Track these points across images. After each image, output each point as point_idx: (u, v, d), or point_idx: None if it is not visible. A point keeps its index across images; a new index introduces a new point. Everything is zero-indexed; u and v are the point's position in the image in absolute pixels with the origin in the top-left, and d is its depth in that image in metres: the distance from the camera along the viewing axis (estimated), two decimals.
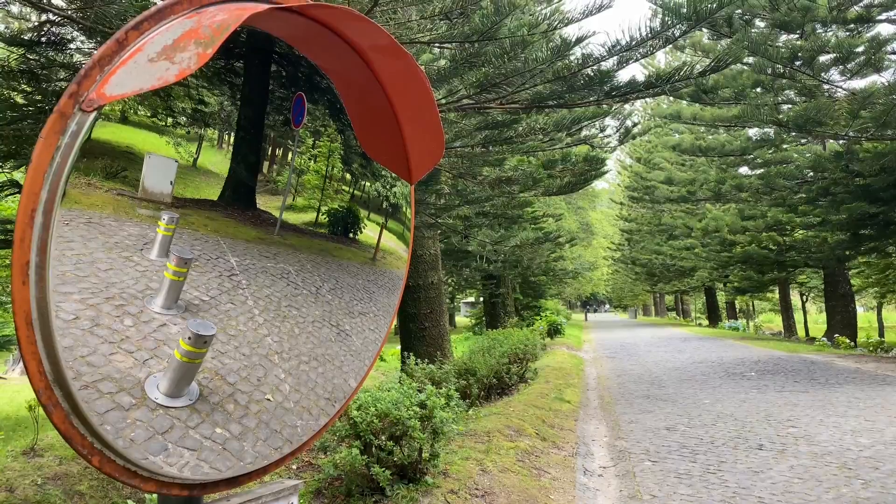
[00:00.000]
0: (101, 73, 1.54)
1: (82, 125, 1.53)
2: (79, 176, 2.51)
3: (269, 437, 3.10)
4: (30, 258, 1.54)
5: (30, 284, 1.56)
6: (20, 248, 1.53)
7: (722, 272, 31.62)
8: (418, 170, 2.81)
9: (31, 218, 1.52)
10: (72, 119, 1.51)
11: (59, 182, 1.54)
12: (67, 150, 1.52)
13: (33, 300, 1.59)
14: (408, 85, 2.41)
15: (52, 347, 1.67)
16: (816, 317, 48.57)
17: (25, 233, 1.52)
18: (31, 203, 1.51)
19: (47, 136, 1.48)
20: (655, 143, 33.24)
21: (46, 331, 1.64)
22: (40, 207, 1.52)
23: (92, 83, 1.53)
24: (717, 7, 6.07)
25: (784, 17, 14.21)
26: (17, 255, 1.53)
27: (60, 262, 2.47)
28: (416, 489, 4.77)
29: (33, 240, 1.53)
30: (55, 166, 1.52)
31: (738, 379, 12.21)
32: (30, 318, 1.60)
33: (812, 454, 6.24)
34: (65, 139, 1.50)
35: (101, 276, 2.69)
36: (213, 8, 1.78)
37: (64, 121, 1.50)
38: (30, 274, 1.54)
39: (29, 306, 1.59)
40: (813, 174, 16.31)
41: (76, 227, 2.58)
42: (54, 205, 1.55)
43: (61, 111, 1.50)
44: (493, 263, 17.54)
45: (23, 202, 1.50)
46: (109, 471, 1.94)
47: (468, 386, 8.71)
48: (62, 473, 4.76)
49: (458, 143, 8.37)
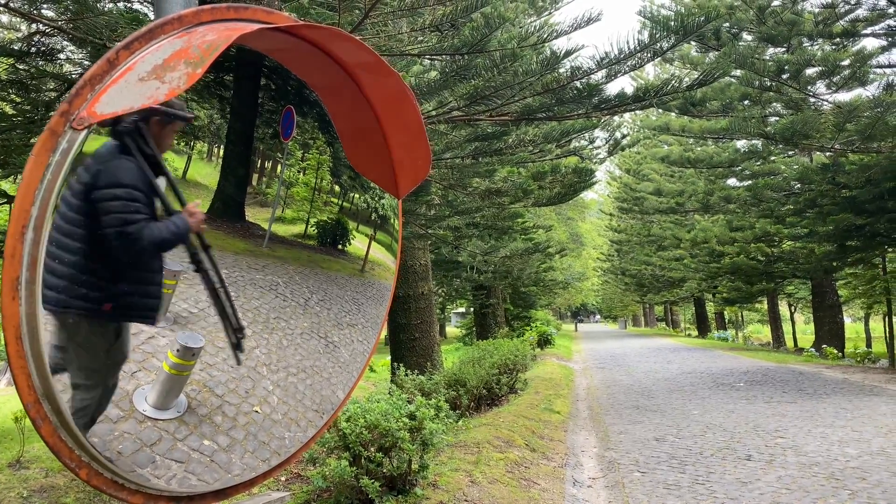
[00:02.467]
0: (91, 92, 1.56)
1: (73, 143, 1.55)
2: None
3: (258, 449, 3.10)
4: (20, 274, 1.56)
5: (20, 300, 1.57)
6: (10, 265, 1.54)
7: (711, 283, 31.74)
8: (405, 185, 2.84)
9: (22, 234, 1.54)
10: (63, 137, 1.53)
11: (50, 199, 1.56)
12: (58, 168, 1.54)
13: (23, 316, 1.60)
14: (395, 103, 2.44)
15: (42, 362, 1.68)
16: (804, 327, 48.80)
17: (16, 249, 1.54)
18: (22, 219, 1.53)
19: (38, 154, 1.50)
20: (644, 154, 33.43)
21: (36, 346, 1.66)
22: (31, 223, 1.54)
23: (83, 102, 1.55)
24: (704, 21, 6.14)
25: (771, 30, 14.39)
26: (7, 271, 1.54)
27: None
28: (405, 501, 4.76)
29: (24, 256, 1.54)
30: (46, 183, 1.54)
31: (726, 389, 12.26)
32: (19, 334, 1.62)
33: (800, 465, 6.28)
34: (55, 157, 1.52)
35: None
36: (203, 28, 1.81)
37: (55, 139, 1.52)
38: (20, 290, 1.56)
39: (19, 321, 1.61)
40: (800, 186, 16.47)
41: None
42: (45, 221, 1.57)
43: (52, 129, 1.52)
44: (484, 274, 17.58)
45: (13, 218, 1.51)
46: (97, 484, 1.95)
47: (458, 397, 8.71)
48: (48, 486, 4.73)
49: (448, 155, 8.41)
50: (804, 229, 18.08)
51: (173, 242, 2.68)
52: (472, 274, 17.37)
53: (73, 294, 2.43)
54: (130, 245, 2.52)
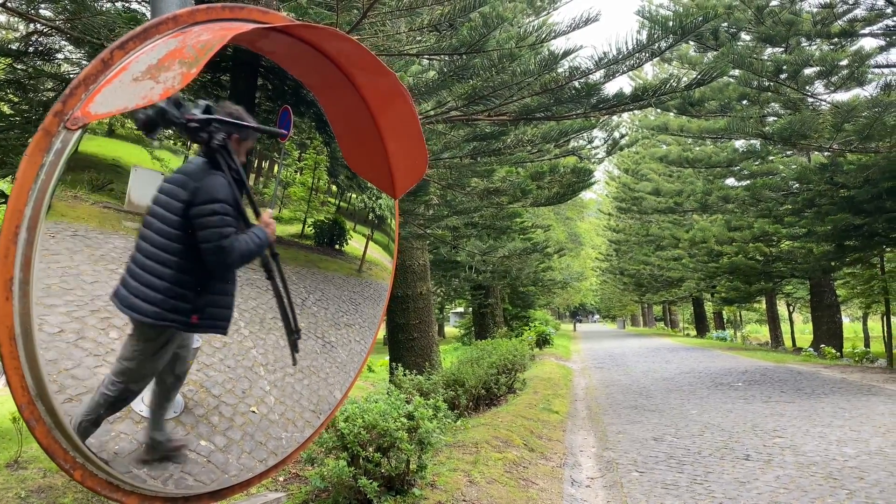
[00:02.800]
0: (86, 92, 1.55)
1: (67, 143, 1.54)
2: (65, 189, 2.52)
3: (254, 450, 3.10)
4: (13, 274, 1.55)
5: (13, 300, 1.57)
6: (4, 265, 1.54)
7: (709, 283, 31.75)
8: (402, 185, 2.84)
9: (16, 234, 1.53)
10: (56, 137, 1.52)
11: (44, 199, 1.55)
12: (52, 168, 1.53)
13: (16, 316, 1.59)
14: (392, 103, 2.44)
15: (35, 363, 1.67)
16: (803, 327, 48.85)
17: (9, 249, 1.53)
18: (16, 219, 1.52)
19: (32, 153, 1.50)
20: (643, 154, 33.44)
21: (29, 346, 1.65)
22: (24, 224, 1.53)
23: (77, 101, 1.54)
24: (702, 21, 6.15)
25: (769, 30, 14.40)
26: (0, 271, 1.54)
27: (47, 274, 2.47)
28: (403, 501, 4.76)
29: (17, 256, 1.54)
30: (40, 183, 1.53)
31: (725, 389, 12.27)
32: (13, 334, 1.61)
33: (798, 464, 6.28)
34: (49, 157, 1.52)
35: (87, 288, 2.69)
36: (198, 28, 1.80)
37: (48, 139, 1.51)
38: (13, 290, 1.55)
39: (12, 322, 1.60)
40: (798, 186, 16.47)
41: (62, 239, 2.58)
42: (38, 221, 1.57)
43: (46, 129, 1.52)
44: (482, 274, 17.58)
45: (7, 219, 1.51)
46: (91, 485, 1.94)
47: (456, 397, 8.71)
48: (46, 486, 4.72)
49: (446, 155, 8.41)
50: (802, 229, 18.09)
51: (257, 254, 2.79)
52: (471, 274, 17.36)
53: (168, 307, 2.57)
54: (224, 258, 2.63)
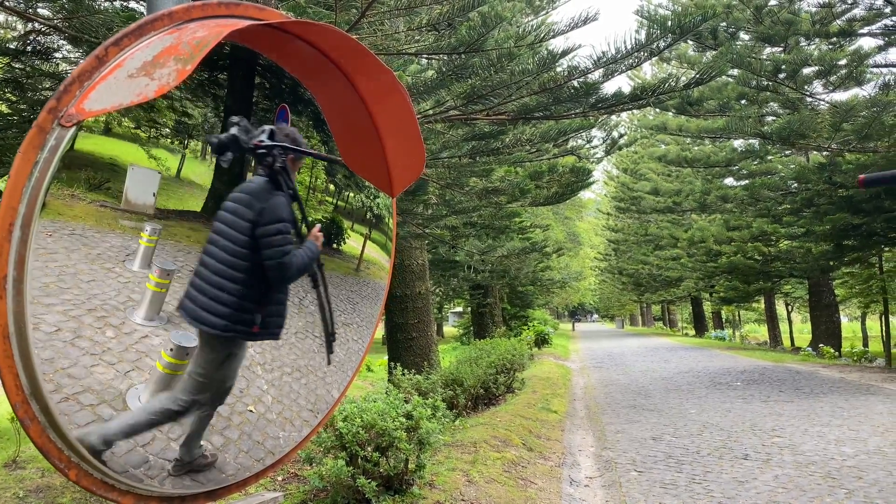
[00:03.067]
0: (80, 89, 1.54)
1: (61, 140, 1.53)
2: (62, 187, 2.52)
3: (252, 449, 3.09)
4: (7, 272, 1.54)
5: (7, 298, 1.56)
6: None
7: (708, 282, 31.75)
8: (399, 183, 2.83)
9: (9, 232, 1.52)
10: (51, 134, 1.51)
11: (38, 196, 1.54)
12: (46, 165, 1.52)
13: (10, 314, 1.58)
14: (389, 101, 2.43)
15: (30, 361, 1.66)
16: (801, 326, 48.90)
17: (3, 247, 1.52)
18: (9, 217, 1.51)
19: (26, 150, 1.49)
20: (641, 153, 33.45)
21: (23, 344, 1.64)
22: (18, 221, 1.52)
23: (71, 98, 1.53)
24: (701, 20, 6.14)
25: (768, 30, 14.40)
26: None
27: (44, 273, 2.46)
28: (402, 500, 4.75)
29: (11, 254, 1.53)
30: (34, 181, 1.52)
31: (723, 389, 12.27)
32: (6, 332, 1.60)
33: (796, 464, 6.27)
34: (43, 154, 1.51)
35: (84, 287, 2.69)
36: (194, 24, 1.79)
37: (42, 136, 1.50)
38: (7, 288, 1.54)
39: (6, 320, 1.59)
40: (797, 185, 16.46)
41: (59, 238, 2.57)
42: (32, 219, 1.56)
43: (40, 126, 1.51)
44: (481, 273, 17.57)
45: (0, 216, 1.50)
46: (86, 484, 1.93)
47: (455, 396, 8.70)
48: (44, 486, 4.71)
49: (445, 154, 8.40)
50: (801, 229, 18.09)
51: (310, 266, 3.00)
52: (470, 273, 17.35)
53: (234, 319, 2.78)
54: (285, 273, 2.85)
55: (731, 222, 21.53)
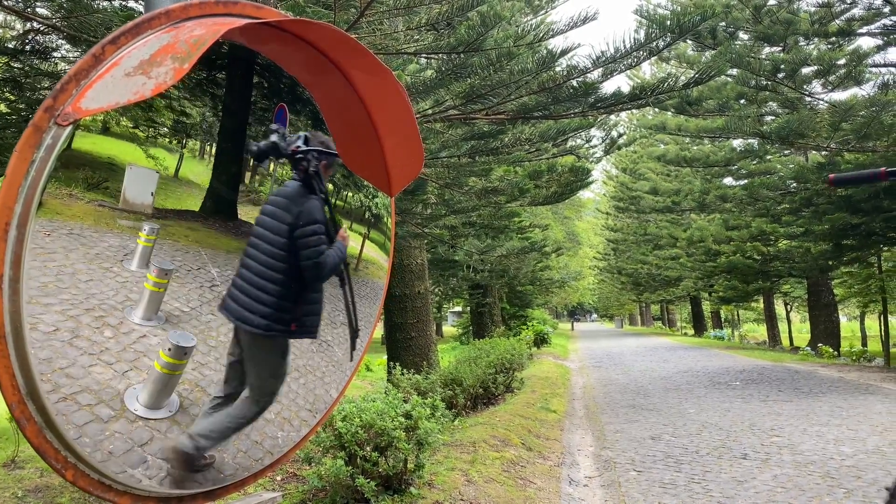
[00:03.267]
0: (77, 88, 1.53)
1: (58, 139, 1.52)
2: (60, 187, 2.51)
3: (250, 449, 3.08)
4: (3, 272, 1.53)
5: (3, 298, 1.55)
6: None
7: (707, 282, 31.78)
8: (398, 183, 2.83)
9: (5, 231, 1.51)
10: (47, 133, 1.50)
11: (34, 196, 1.53)
12: (42, 164, 1.51)
13: (6, 314, 1.58)
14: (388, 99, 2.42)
15: (26, 361, 1.66)
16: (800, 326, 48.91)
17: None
18: (5, 217, 1.50)
19: (22, 149, 1.48)
20: (641, 153, 33.46)
21: (20, 344, 1.64)
22: (14, 221, 1.51)
23: (68, 97, 1.52)
24: (700, 20, 6.12)
25: (767, 29, 14.40)
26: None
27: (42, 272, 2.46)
28: (401, 500, 4.75)
29: (7, 253, 1.52)
30: (30, 180, 1.51)
31: (722, 388, 12.27)
32: (3, 332, 1.59)
33: (795, 463, 6.27)
34: (40, 153, 1.50)
35: (82, 287, 2.68)
36: (191, 23, 1.78)
37: (39, 135, 1.49)
38: (3, 287, 1.54)
39: (2, 320, 1.59)
40: (796, 185, 16.46)
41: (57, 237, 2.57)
42: (29, 218, 1.55)
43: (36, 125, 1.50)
44: (480, 273, 17.56)
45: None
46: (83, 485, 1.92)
47: (454, 396, 8.69)
48: (43, 485, 4.70)
49: (444, 154, 8.39)
50: (800, 228, 18.11)
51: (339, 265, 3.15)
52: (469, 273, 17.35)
53: (275, 318, 2.93)
54: (320, 272, 3.02)
55: (730, 222, 21.55)
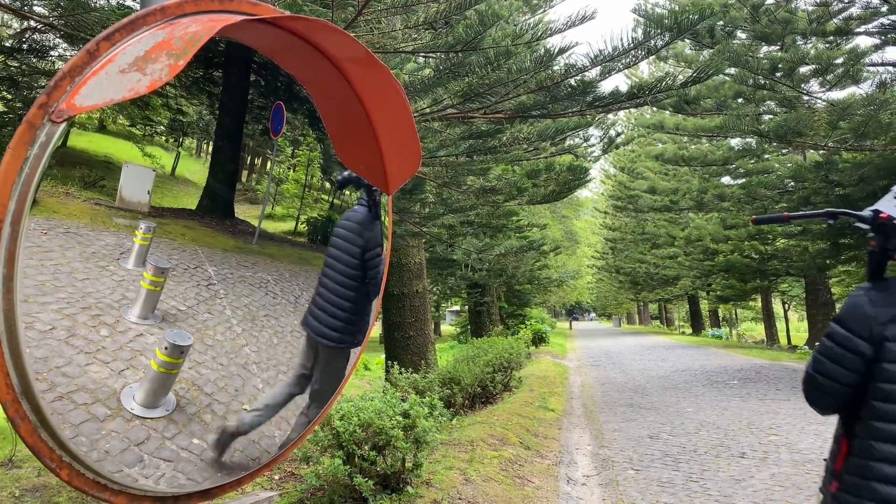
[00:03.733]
0: (71, 84, 1.52)
1: (52, 136, 1.51)
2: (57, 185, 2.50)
3: (247, 448, 3.08)
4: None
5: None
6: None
7: (705, 281, 31.80)
8: (395, 181, 2.81)
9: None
10: (41, 130, 1.49)
11: (28, 193, 1.52)
12: (36, 162, 1.50)
13: (0, 312, 1.56)
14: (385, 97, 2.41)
15: (20, 359, 1.64)
16: (798, 325, 48.98)
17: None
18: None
19: (15, 147, 1.47)
20: (639, 152, 33.46)
21: (14, 343, 1.62)
22: (8, 219, 1.50)
23: (62, 94, 1.51)
24: (698, 19, 6.12)
25: (765, 28, 14.40)
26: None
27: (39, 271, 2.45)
28: (399, 499, 4.74)
29: (1, 251, 1.51)
30: (24, 177, 1.50)
31: (720, 387, 12.28)
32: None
33: (793, 462, 6.28)
34: (34, 150, 1.48)
35: (78, 285, 2.67)
36: (187, 19, 1.77)
37: (33, 132, 1.48)
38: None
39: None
40: (794, 184, 16.47)
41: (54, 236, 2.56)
42: (22, 216, 1.53)
43: (30, 122, 1.49)
44: (478, 272, 17.54)
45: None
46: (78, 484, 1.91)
47: (452, 395, 8.69)
48: (40, 485, 4.69)
49: (442, 153, 8.37)
50: (797, 227, 18.11)
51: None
52: (467, 272, 17.33)
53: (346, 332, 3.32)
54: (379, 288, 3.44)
55: (728, 221, 21.54)
